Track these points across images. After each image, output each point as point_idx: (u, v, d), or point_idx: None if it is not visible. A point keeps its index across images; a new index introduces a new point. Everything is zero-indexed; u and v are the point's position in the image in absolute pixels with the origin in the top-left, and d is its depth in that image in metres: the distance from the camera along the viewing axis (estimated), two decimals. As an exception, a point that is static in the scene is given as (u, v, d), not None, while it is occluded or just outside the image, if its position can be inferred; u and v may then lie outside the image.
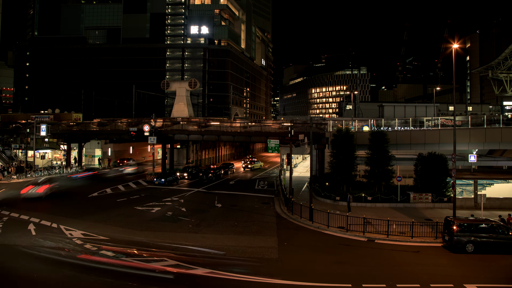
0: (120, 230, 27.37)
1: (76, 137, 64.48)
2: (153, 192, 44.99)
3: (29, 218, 30.53)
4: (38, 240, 24.65)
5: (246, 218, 32.41)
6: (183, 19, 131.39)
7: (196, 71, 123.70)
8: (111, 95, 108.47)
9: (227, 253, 22.99)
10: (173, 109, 73.82)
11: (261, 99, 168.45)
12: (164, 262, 20.73)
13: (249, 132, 55.99)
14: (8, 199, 38.21)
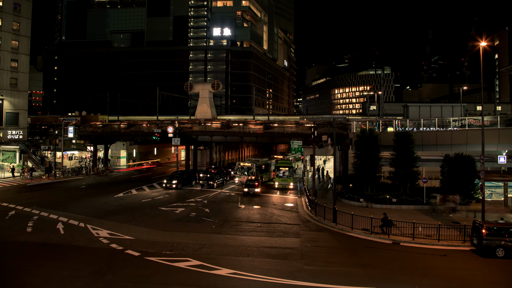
0: (144, 230, 27.82)
1: (102, 138, 65.86)
2: (177, 192, 45.55)
3: (58, 217, 31.43)
4: (66, 239, 25.34)
5: (270, 219, 32.47)
6: (206, 21, 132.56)
7: (218, 73, 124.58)
8: (135, 97, 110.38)
9: (250, 254, 23.11)
10: (196, 111, 74.56)
11: (283, 100, 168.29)
12: (188, 262, 20.99)
13: (272, 133, 56.01)
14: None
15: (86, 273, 19.52)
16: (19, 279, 18.59)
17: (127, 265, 20.74)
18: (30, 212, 33.31)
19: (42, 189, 46.90)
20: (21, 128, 62.37)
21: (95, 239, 25.39)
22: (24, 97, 63.69)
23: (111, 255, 22.22)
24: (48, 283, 18.28)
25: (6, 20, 60.76)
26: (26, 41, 63.74)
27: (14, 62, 61.89)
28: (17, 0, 62.20)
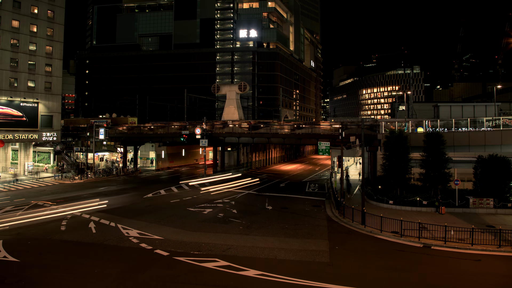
0: (173, 231, 28.20)
1: (131, 140, 67.21)
2: (205, 194, 45.96)
3: (90, 217, 32.28)
4: (97, 237, 25.96)
5: (297, 221, 32.31)
6: (232, 23, 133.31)
7: (245, 74, 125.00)
8: (164, 100, 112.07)
9: (278, 255, 23.06)
10: (223, 112, 75.06)
11: (310, 101, 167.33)
12: (215, 263, 21.14)
13: (299, 134, 55.76)
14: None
15: (117, 271, 19.95)
16: (55, 276, 19.20)
17: (156, 264, 21.04)
18: (64, 211, 34.35)
19: (74, 189, 48.25)
20: (55, 130, 64.40)
21: (125, 238, 25.91)
22: (58, 100, 65.75)
23: (141, 255, 22.63)
24: (81, 280, 18.79)
25: (41, 27, 62.93)
26: (59, 46, 65.80)
27: (48, 67, 63.99)
28: (51, 7, 64.32)
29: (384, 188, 39.98)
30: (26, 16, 60.94)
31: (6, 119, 58.02)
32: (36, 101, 61.75)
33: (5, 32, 58.55)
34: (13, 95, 59.05)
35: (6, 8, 58.56)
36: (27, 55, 61.18)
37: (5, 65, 58.43)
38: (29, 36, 61.36)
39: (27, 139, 60.95)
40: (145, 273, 19.79)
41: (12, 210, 34.96)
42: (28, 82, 61.28)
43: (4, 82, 58.32)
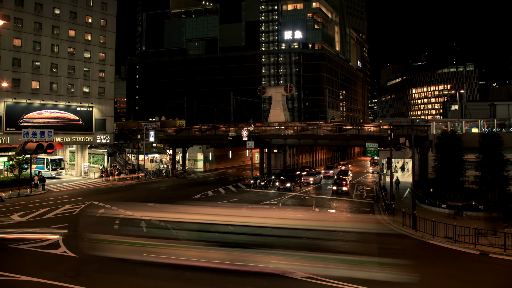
0: (221, 232, 28.54)
1: (180, 142, 68.91)
2: (252, 195, 46.27)
3: (141, 216, 33.31)
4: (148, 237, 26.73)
5: (344, 225, 31.63)
6: (277, 25, 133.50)
7: (291, 76, 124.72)
8: (210, 102, 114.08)
9: (326, 258, 22.67)
10: (269, 114, 75.27)
11: (357, 101, 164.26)
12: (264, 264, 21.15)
13: (346, 135, 54.85)
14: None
15: (164, 270, 20.42)
16: (110, 272, 19.99)
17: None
18: (117, 211, 35.57)
19: (126, 190, 50.20)
20: (108, 133, 67.28)
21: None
22: (110, 104, 68.68)
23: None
24: (134, 277, 19.44)
25: (94, 35, 66.05)
26: (111, 53, 68.74)
27: (101, 73, 67.02)
28: (103, 16, 67.37)
29: (436, 191, 38.44)
30: (81, 26, 64.19)
31: (64, 123, 61.35)
32: (91, 105, 64.82)
33: (63, 41, 61.97)
34: (70, 100, 62.33)
35: (63, 19, 62.00)
36: (82, 62, 64.40)
37: (63, 72, 61.86)
38: (84, 44, 64.59)
39: (83, 141, 64.10)
40: (195, 272, 20.13)
41: (71, 208, 36.86)
42: (84, 88, 64.47)
43: (62, 88, 61.71)
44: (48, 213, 34.86)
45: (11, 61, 56.45)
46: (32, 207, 38.02)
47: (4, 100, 55.22)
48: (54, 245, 24.60)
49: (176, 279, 19.38)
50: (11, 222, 31.49)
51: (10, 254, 23.04)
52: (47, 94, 59.95)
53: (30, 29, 58.32)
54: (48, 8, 60.37)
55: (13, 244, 24.86)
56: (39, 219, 32.65)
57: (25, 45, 57.90)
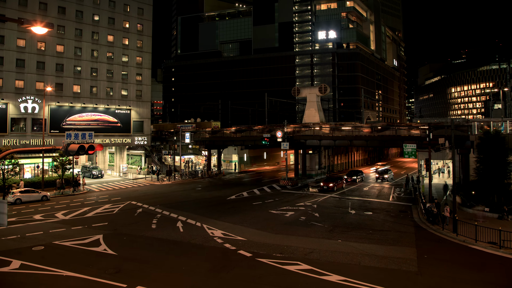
0: (256, 232, 28.56)
1: (215, 143, 69.63)
2: (287, 196, 46.09)
3: (178, 216, 33.95)
4: (185, 236, 27.17)
5: (382, 227, 31.04)
6: (310, 25, 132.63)
7: (325, 76, 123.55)
8: (245, 104, 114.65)
9: (362, 261, 22.28)
10: (304, 115, 74.84)
11: (394, 101, 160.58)
12: (298, 266, 20.97)
13: (383, 136, 53.71)
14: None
15: (203, 269, 20.64)
16: (147, 270, 20.40)
17: (240, 264, 21.43)
18: (154, 211, 36.56)
19: (163, 190, 51.16)
20: (145, 135, 68.90)
21: (210, 238, 26.79)
22: (147, 106, 70.33)
23: (225, 255, 23.20)
24: (171, 275, 19.75)
25: (132, 40, 67.89)
26: (148, 56, 70.41)
27: (138, 76, 68.77)
28: (140, 21, 69.13)
29: (478, 194, 36.91)
30: (119, 31, 66.14)
31: (104, 125, 63.35)
32: (128, 108, 66.60)
33: (102, 46, 64.05)
34: (109, 103, 64.31)
35: (102, 24, 64.10)
36: (120, 66, 66.34)
37: (102, 76, 63.94)
38: (121, 49, 66.53)
39: (121, 143, 65.95)
40: (230, 272, 20.25)
41: (110, 207, 37.98)
42: (122, 91, 66.37)
43: (102, 92, 63.77)
44: (89, 212, 36.05)
45: (55, 66, 58.93)
46: (75, 206, 39.45)
47: (48, 103, 57.70)
48: (95, 243, 25.40)
49: (214, 279, 19.51)
50: (56, 220, 32.79)
51: (55, 250, 23.98)
52: (87, 98, 62.13)
53: (71, 36, 60.67)
54: (88, 15, 62.60)
55: (57, 241, 25.87)
56: (81, 217, 33.82)
57: (67, 51, 60.26)
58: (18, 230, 29.19)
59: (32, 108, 56.17)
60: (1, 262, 21.44)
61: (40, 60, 57.64)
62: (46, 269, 20.40)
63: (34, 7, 56.84)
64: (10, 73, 54.75)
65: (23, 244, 25.24)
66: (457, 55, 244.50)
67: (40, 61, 57.59)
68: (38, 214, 35.54)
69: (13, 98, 54.76)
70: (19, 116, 55.35)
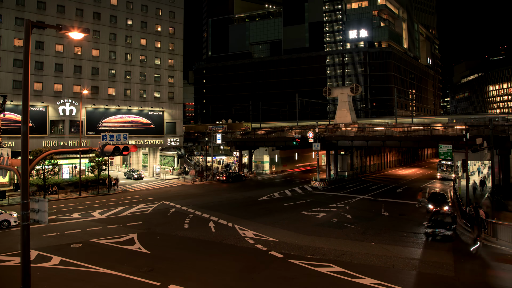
0: (287, 233, 28.44)
1: (246, 144, 69.89)
2: (318, 197, 45.71)
3: (209, 216, 34.27)
4: (217, 236, 27.39)
5: (416, 229, 30.23)
6: (341, 24, 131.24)
7: (357, 76, 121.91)
8: (275, 104, 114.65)
9: (396, 264, 21.78)
10: (335, 115, 74.06)
11: (428, 100, 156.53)
12: (329, 268, 20.72)
13: (417, 137, 52.41)
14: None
15: (234, 270, 20.73)
16: (180, 269, 20.70)
17: (271, 265, 21.37)
18: (187, 211, 37.06)
19: (195, 190, 51.81)
20: (178, 136, 69.99)
21: (242, 238, 26.89)
22: (179, 108, 71.44)
23: (257, 255, 23.21)
24: (203, 275, 19.94)
25: (164, 43, 69.17)
26: (180, 59, 71.53)
27: (170, 78, 69.97)
28: (172, 24, 70.33)
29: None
30: (151, 34, 67.52)
31: (137, 126, 64.81)
32: (161, 109, 67.86)
33: (135, 50, 65.56)
34: (142, 105, 65.73)
35: (135, 28, 65.61)
36: (153, 68, 67.68)
37: (135, 78, 65.43)
38: (154, 52, 67.90)
39: (154, 144, 67.27)
40: (261, 273, 20.24)
41: (144, 207, 38.79)
42: (154, 93, 67.70)
43: (135, 94, 65.26)
44: (124, 212, 36.93)
45: (90, 70, 60.77)
46: (110, 206, 40.52)
47: (85, 106, 59.57)
48: (129, 241, 25.99)
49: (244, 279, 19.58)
50: (92, 219, 33.79)
51: (92, 248, 24.71)
52: (121, 100, 63.72)
53: (106, 40, 62.41)
54: (122, 20, 64.24)
55: (94, 239, 26.65)
56: (116, 216, 34.69)
57: (102, 55, 62.02)
58: (57, 227, 30.28)
59: (70, 111, 58.12)
60: (43, 258, 22.31)
61: (77, 64, 59.59)
62: (83, 265, 21.06)
63: (71, 13, 58.87)
64: (50, 77, 56.88)
65: (62, 241, 26.17)
66: (495, 52, 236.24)
67: (77, 65, 59.55)
68: (76, 212, 36.73)
69: (52, 101, 56.86)
70: (57, 118, 57.42)
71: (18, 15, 54.37)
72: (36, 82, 55.63)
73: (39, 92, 55.90)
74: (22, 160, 12.72)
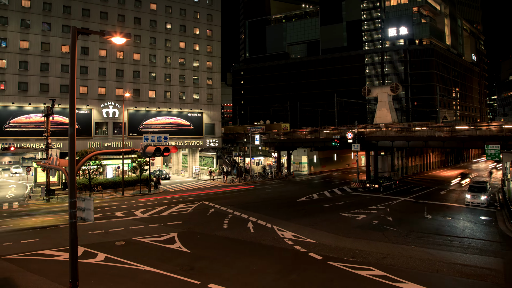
0: (326, 235, 28.11)
1: (284, 145, 69.77)
2: (358, 199, 44.94)
3: (248, 217, 34.44)
4: (255, 237, 27.48)
5: (462, 233, 29.07)
6: (380, 22, 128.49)
7: (397, 75, 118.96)
8: (313, 105, 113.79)
9: (440, 269, 20.99)
10: (375, 115, 72.63)
11: (473, 99, 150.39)
12: (370, 271, 20.29)
13: (462, 137, 50.43)
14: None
15: (272, 270, 20.71)
16: (219, 268, 20.92)
17: (310, 267, 21.20)
18: (226, 211, 37.42)
19: (234, 191, 52.25)
20: (216, 137, 70.87)
21: (280, 239, 26.84)
22: (218, 109, 72.32)
23: (295, 256, 23.09)
24: (241, 275, 20.07)
25: (202, 45, 70.26)
26: (218, 61, 72.43)
27: (209, 80, 70.98)
28: (209, 27, 71.33)
29: None
30: (190, 37, 68.76)
31: (177, 128, 66.18)
32: (200, 111, 68.95)
33: (174, 53, 66.96)
34: (181, 107, 67.04)
35: (174, 32, 67.04)
36: (192, 71, 68.89)
37: (175, 81, 66.84)
38: (192, 54, 69.10)
39: (194, 145, 68.44)
40: (300, 275, 20.10)
41: (184, 207, 39.52)
42: (193, 95, 68.88)
43: (175, 96, 66.66)
44: (165, 211, 37.76)
45: (132, 73, 62.64)
46: (151, 205, 41.57)
47: (127, 108, 61.47)
48: (170, 240, 26.54)
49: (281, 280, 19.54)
50: (135, 218, 34.78)
51: (135, 245, 25.42)
52: (162, 102, 65.25)
53: (146, 44, 64.13)
54: (161, 24, 65.81)
55: (136, 237, 27.42)
56: (157, 216, 35.53)
57: (143, 59, 63.78)
58: (102, 225, 31.40)
59: (113, 113, 60.15)
60: (89, 254, 23.23)
61: (119, 68, 61.58)
62: (126, 262, 21.72)
63: (113, 19, 60.95)
64: (94, 81, 59.11)
65: (107, 239, 27.11)
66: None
67: (119, 69, 61.55)
68: (119, 211, 37.94)
69: (96, 104, 59.05)
70: (101, 121, 59.56)
71: (65, 23, 56.91)
72: (81, 86, 57.97)
73: (84, 95, 58.21)
74: (70, 161, 13.26)
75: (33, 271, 20.47)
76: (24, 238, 27.56)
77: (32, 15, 54.94)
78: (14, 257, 22.98)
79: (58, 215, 36.83)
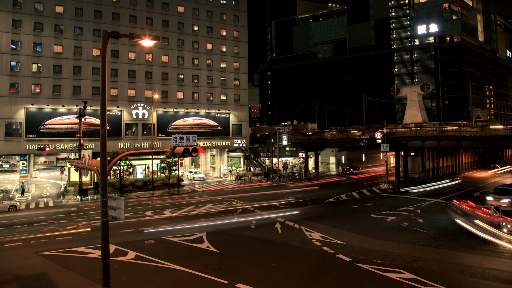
0: (355, 237, 27.74)
1: (312, 145, 69.34)
2: (387, 200, 44.15)
3: (276, 217, 34.40)
4: (283, 237, 27.41)
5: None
6: (408, 20, 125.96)
7: (427, 73, 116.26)
8: (341, 105, 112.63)
9: (474, 274, 20.29)
10: (405, 115, 71.23)
11: (508, 97, 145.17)
12: (400, 274, 19.85)
13: (496, 136, 48.78)
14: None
15: (300, 271, 20.60)
16: (247, 268, 21.02)
17: (338, 269, 20.98)
18: (253, 211, 37.50)
19: (261, 191, 52.29)
20: (244, 138, 71.15)
21: (308, 240, 26.67)
22: (245, 110, 72.58)
23: (323, 258, 22.90)
24: (269, 275, 20.06)
25: (229, 46, 70.68)
26: (244, 61, 72.70)
27: (236, 81, 71.33)
28: (236, 28, 71.69)
29: None
30: (217, 39, 69.31)
31: (205, 128, 66.84)
32: (227, 112, 69.39)
33: (202, 54, 67.65)
34: (209, 107, 67.66)
35: (201, 34, 67.76)
36: (219, 72, 69.41)
37: (202, 82, 67.52)
38: (219, 56, 69.62)
39: (221, 145, 68.93)
40: (328, 276, 19.94)
41: (212, 207, 39.87)
42: (221, 96, 69.38)
43: (203, 97, 67.33)
44: (193, 211, 38.20)
45: (160, 75, 63.69)
46: (180, 205, 42.13)
47: (156, 110, 62.53)
48: (199, 240, 26.81)
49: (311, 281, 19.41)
50: (164, 217, 35.33)
51: (164, 244, 25.82)
52: (189, 103, 66.04)
53: (174, 46, 65.05)
54: (189, 26, 66.62)
55: (165, 236, 27.84)
56: (186, 215, 35.97)
57: (171, 60, 64.73)
58: (132, 224, 32.04)
59: (142, 114, 61.32)
60: (120, 252, 23.76)
61: (148, 70, 62.73)
62: (156, 261, 22.08)
63: (142, 22, 62.15)
64: (124, 83, 60.43)
65: (137, 238, 27.65)
66: None
67: (148, 71, 62.70)
68: (148, 210, 38.63)
69: (126, 106, 60.34)
70: (131, 122, 60.81)
71: (96, 27, 58.47)
72: (112, 88, 59.38)
73: (115, 97, 59.58)
74: (101, 161, 13.58)
75: (67, 268, 21.12)
76: (59, 236, 28.48)
77: (65, 20, 56.70)
78: (50, 254, 23.83)
79: (90, 214, 37.84)
